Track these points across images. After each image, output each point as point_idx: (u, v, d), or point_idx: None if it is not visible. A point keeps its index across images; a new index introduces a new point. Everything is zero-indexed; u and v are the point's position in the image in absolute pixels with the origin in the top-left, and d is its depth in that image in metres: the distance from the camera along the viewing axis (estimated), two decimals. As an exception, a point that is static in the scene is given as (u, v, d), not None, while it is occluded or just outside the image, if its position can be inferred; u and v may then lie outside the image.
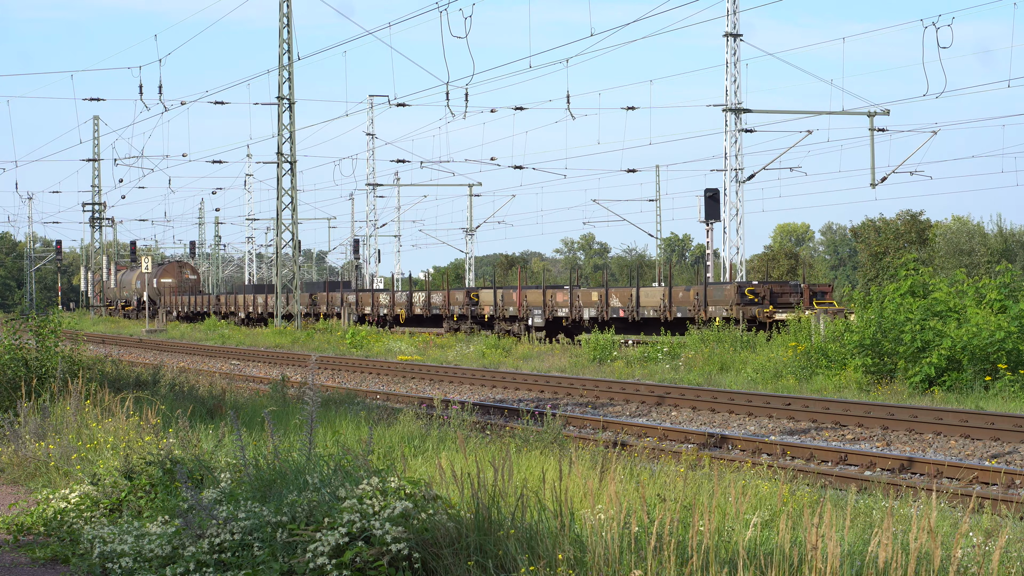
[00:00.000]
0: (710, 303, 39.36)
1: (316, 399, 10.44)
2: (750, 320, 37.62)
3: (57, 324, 18.53)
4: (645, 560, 7.16)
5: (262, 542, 8.53)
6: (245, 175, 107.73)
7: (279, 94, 55.05)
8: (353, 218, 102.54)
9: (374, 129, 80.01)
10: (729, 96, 48.54)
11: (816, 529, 6.81)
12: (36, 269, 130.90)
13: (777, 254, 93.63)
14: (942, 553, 6.90)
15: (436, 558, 8.03)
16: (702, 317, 38.94)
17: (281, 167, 55.65)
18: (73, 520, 10.83)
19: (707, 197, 49.44)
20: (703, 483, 10.41)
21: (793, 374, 27.53)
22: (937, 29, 37.70)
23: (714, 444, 18.70)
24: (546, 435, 15.30)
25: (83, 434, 13.76)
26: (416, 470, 11.55)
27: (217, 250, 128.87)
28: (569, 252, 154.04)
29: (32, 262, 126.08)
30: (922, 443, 18.83)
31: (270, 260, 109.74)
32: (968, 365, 24.53)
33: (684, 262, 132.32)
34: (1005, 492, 14.13)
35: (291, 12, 54.35)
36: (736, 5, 48.04)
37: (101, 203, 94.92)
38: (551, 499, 8.10)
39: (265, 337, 53.60)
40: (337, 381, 32.02)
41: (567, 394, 26.94)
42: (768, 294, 38.58)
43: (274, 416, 14.40)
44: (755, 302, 38.40)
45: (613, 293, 43.82)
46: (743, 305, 38.16)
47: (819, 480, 14.74)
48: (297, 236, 57.04)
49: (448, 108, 45.43)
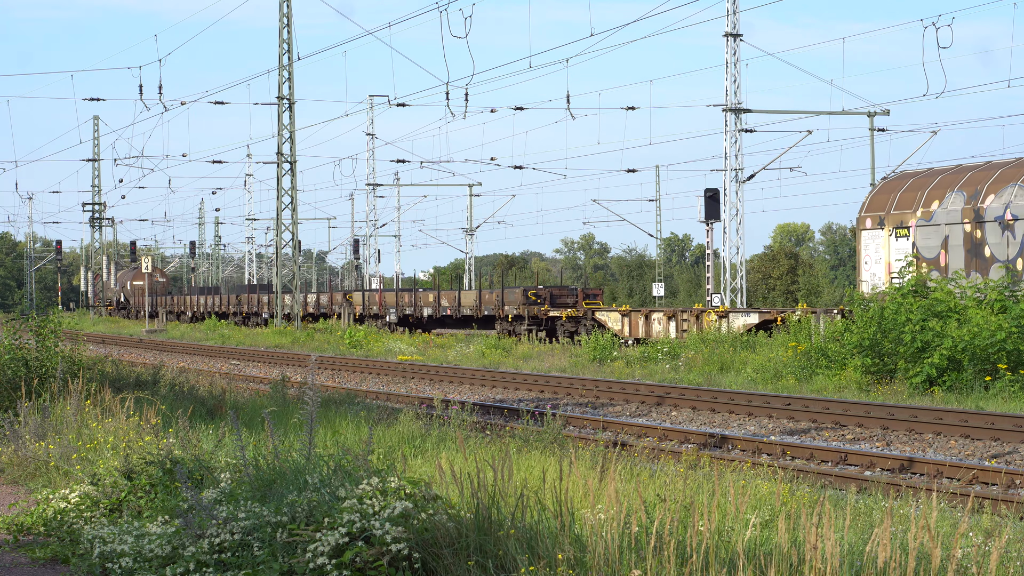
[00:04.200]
0: (506, 303, 49.51)
1: (316, 399, 10.44)
2: (532, 316, 47.75)
3: (57, 324, 18.52)
4: (645, 560, 7.16)
5: (262, 542, 8.53)
6: (245, 175, 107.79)
7: (279, 94, 55.05)
8: (353, 218, 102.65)
9: (374, 129, 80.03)
10: (729, 96, 48.54)
11: (816, 529, 6.81)
12: (36, 269, 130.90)
13: (777, 254, 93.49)
14: (941, 553, 6.90)
15: (436, 558, 8.03)
16: (500, 314, 49.50)
17: (281, 167, 55.66)
18: (73, 520, 10.82)
19: (707, 197, 49.44)
20: (703, 483, 10.41)
21: (793, 374, 27.53)
22: (937, 29, 37.71)
23: (714, 444, 18.70)
24: (546, 435, 15.30)
25: (83, 434, 13.76)
26: (416, 470, 11.55)
27: (217, 250, 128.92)
28: (569, 252, 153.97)
29: (32, 262, 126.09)
30: (922, 443, 18.83)
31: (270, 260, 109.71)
32: (968, 365, 24.52)
33: (684, 262, 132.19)
34: (1005, 492, 14.13)
35: (291, 12, 54.36)
36: (736, 5, 48.04)
37: (101, 203, 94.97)
38: (551, 499, 8.10)
39: (265, 337, 53.64)
40: (337, 381, 32.02)
41: (567, 394, 26.95)
42: (548, 296, 48.59)
43: (274, 416, 14.41)
44: (537, 302, 48.29)
45: (443, 295, 54.53)
46: (528, 304, 48.26)
47: (819, 480, 14.74)
48: (297, 236, 57.08)
49: (448, 108, 45.51)
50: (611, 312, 43.17)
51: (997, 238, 29.28)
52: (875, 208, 32.95)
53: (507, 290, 50.01)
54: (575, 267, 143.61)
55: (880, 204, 32.86)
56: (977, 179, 30.61)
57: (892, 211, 32.37)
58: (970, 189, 30.34)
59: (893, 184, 33.21)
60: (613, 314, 42.86)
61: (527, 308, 48.05)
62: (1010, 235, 29.10)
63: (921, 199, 31.66)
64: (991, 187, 29.93)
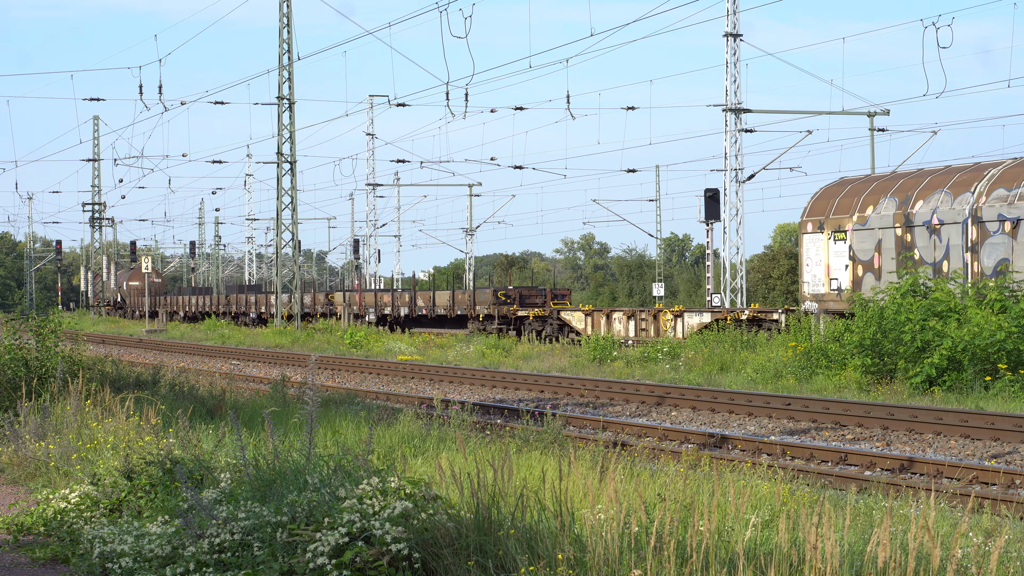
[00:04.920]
0: (477, 303, 51.54)
1: (316, 399, 10.44)
2: (502, 316, 49.85)
3: (57, 324, 18.51)
4: (645, 560, 7.16)
5: (262, 542, 8.53)
6: (245, 175, 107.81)
7: (279, 94, 55.05)
8: (353, 218, 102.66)
9: (374, 129, 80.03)
10: (729, 96, 48.53)
11: (816, 529, 6.81)
12: (36, 269, 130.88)
13: (777, 254, 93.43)
14: (941, 553, 6.90)
15: (436, 558, 8.03)
16: (472, 313, 51.77)
17: (281, 167, 55.66)
18: (73, 520, 10.82)
19: (707, 197, 49.44)
20: (703, 483, 10.40)
21: (793, 374, 27.52)
22: (937, 29, 37.72)
23: (714, 444, 18.69)
24: (546, 435, 15.30)
25: (83, 434, 13.75)
26: (416, 470, 11.55)
27: (217, 250, 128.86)
28: (569, 252, 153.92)
29: (32, 262, 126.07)
30: (922, 443, 18.83)
31: (270, 260, 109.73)
32: (968, 365, 24.51)
33: (684, 262, 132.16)
34: (1005, 492, 14.13)
35: (291, 12, 54.35)
36: (736, 5, 48.04)
37: (101, 203, 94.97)
38: (551, 499, 8.10)
39: (265, 337, 53.64)
40: (337, 381, 32.02)
41: (567, 394, 26.94)
42: (518, 296, 50.73)
43: (274, 416, 14.40)
44: (506, 302, 50.37)
45: (419, 295, 57.29)
46: (498, 304, 50.35)
47: (819, 480, 14.74)
48: (297, 236, 57.09)
49: (448, 108, 45.52)
50: (575, 312, 45.47)
51: (925, 241, 30.68)
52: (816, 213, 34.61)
53: (478, 291, 52.38)
54: (575, 267, 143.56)
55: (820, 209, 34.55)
56: (908, 186, 32.06)
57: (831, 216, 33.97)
58: (902, 195, 31.81)
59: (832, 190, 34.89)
60: (577, 313, 45.28)
61: (497, 308, 50.21)
62: (936, 239, 30.55)
63: (857, 204, 33.26)
64: (920, 193, 31.40)
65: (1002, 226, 28.98)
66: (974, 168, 31.04)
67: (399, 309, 58.60)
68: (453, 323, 55.11)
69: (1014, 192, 28.96)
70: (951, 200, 30.33)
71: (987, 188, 29.59)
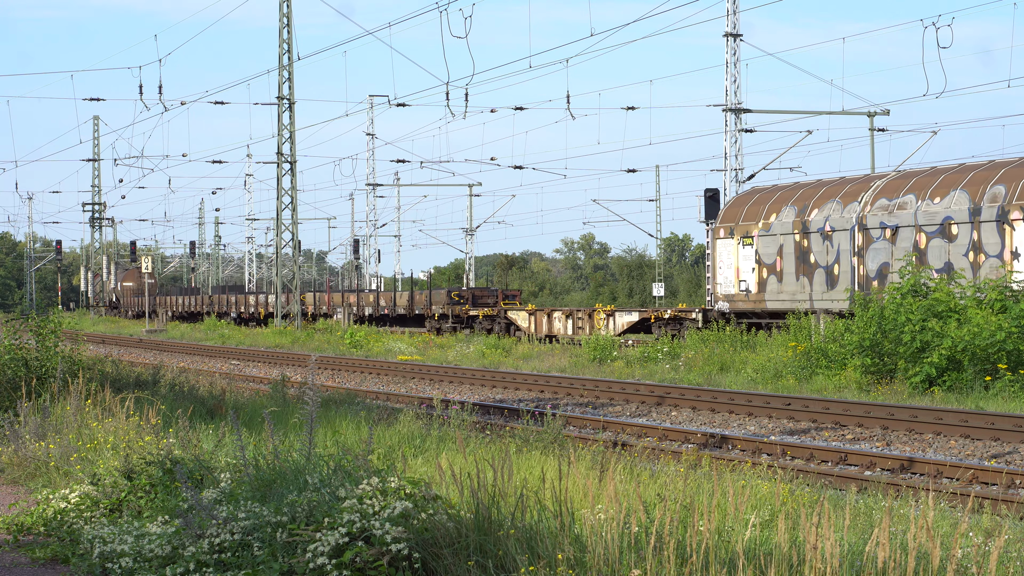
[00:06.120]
0: (433, 303, 55.42)
1: (316, 399, 10.44)
2: (456, 315, 53.24)
3: (57, 324, 18.50)
4: (645, 560, 7.16)
5: (262, 542, 8.53)
6: (245, 175, 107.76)
7: (279, 94, 55.04)
8: (353, 218, 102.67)
9: (374, 129, 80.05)
10: (729, 96, 48.53)
11: (816, 529, 6.81)
12: (36, 269, 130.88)
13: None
14: (941, 553, 6.90)
15: (436, 558, 8.03)
16: (428, 312, 55.21)
17: (281, 167, 55.65)
18: (73, 520, 10.82)
19: (707, 197, 49.38)
20: (703, 483, 10.41)
21: (793, 374, 27.52)
22: (937, 29, 37.71)
23: (714, 444, 18.69)
24: (546, 435, 15.29)
25: (83, 434, 13.75)
26: (416, 470, 11.55)
27: (217, 250, 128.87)
28: (569, 252, 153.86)
29: (32, 262, 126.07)
30: (922, 443, 18.83)
31: (270, 260, 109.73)
32: (968, 365, 24.51)
33: (684, 262, 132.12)
34: (1005, 492, 14.13)
35: (291, 12, 54.34)
36: (736, 5, 48.02)
37: (101, 203, 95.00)
38: (551, 499, 8.10)
39: (265, 337, 53.65)
40: (337, 381, 32.02)
41: (567, 394, 26.94)
42: (471, 297, 54.69)
43: (274, 416, 14.40)
44: (459, 302, 54.13)
45: (382, 296, 62.08)
46: (452, 304, 53.98)
47: (819, 480, 14.73)
48: (297, 236, 57.08)
49: (448, 108, 45.51)
50: (520, 311, 49.06)
51: (820, 246, 34.05)
52: (727, 220, 37.74)
53: (434, 291, 56.35)
54: (575, 267, 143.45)
55: (732, 216, 37.62)
56: (806, 196, 35.29)
57: (740, 222, 37.08)
58: (800, 204, 35.03)
59: (743, 199, 37.96)
60: (522, 313, 48.88)
61: (451, 308, 53.87)
62: (829, 244, 33.92)
63: (763, 212, 36.40)
64: (816, 203, 34.60)
65: (883, 233, 32.05)
66: (863, 179, 34.19)
67: (364, 308, 62.83)
68: (412, 322, 59.82)
69: (894, 202, 32.01)
70: (842, 209, 33.52)
71: (871, 198, 32.73)
